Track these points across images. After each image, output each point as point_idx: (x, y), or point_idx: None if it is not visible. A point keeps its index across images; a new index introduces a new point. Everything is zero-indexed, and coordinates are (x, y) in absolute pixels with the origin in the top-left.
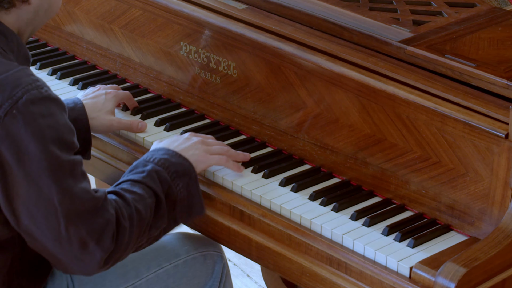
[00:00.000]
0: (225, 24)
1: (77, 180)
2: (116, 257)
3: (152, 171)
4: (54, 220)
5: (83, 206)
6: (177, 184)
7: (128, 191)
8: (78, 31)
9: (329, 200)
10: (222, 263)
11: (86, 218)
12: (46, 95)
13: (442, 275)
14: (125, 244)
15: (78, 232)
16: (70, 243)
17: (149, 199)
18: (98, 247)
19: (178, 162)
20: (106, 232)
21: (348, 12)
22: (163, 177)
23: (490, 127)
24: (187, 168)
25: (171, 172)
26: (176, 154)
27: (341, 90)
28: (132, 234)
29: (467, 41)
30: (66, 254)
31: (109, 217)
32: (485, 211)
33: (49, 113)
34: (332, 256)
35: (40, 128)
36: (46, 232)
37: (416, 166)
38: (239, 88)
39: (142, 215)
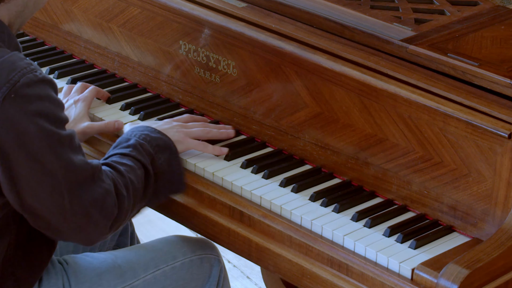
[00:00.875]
0: (225, 23)
1: (76, 152)
2: (117, 224)
3: (137, 144)
4: (58, 195)
5: (82, 176)
6: (159, 157)
7: (119, 163)
8: (75, 30)
9: (330, 200)
10: (219, 266)
11: (87, 189)
12: (41, 78)
13: (445, 276)
14: (126, 211)
15: (81, 203)
16: (74, 215)
17: (138, 170)
18: (101, 216)
19: (158, 137)
20: (108, 200)
21: (349, 11)
22: (147, 150)
23: (493, 127)
24: (167, 143)
25: (153, 145)
26: (155, 130)
27: (342, 89)
28: (130, 202)
29: (469, 40)
30: (69, 226)
31: (107, 187)
32: (488, 212)
33: (45, 94)
34: (333, 258)
35: (37, 109)
36: (50, 208)
37: (418, 166)
38: (239, 87)
39: (135, 185)
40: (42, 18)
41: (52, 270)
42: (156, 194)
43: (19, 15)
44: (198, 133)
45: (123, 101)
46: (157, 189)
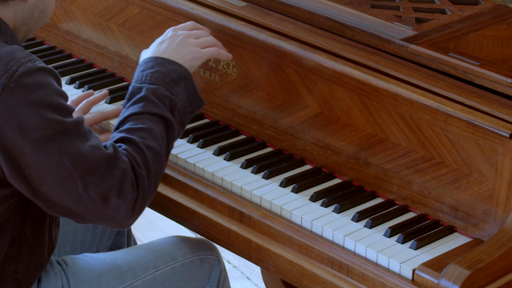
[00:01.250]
0: (225, 22)
1: (84, 139)
2: (140, 203)
3: (149, 94)
4: (71, 182)
5: (96, 164)
6: (177, 92)
7: (134, 130)
8: (75, 29)
9: (331, 201)
10: (219, 267)
11: (102, 174)
12: (41, 66)
13: (446, 277)
14: (147, 189)
15: (97, 189)
16: (92, 201)
17: (157, 128)
18: (120, 200)
19: (170, 69)
20: (125, 183)
21: (349, 10)
22: (162, 95)
23: (494, 127)
24: (180, 72)
25: (167, 83)
26: (166, 61)
27: (342, 89)
28: (151, 177)
29: (471, 39)
30: (91, 212)
31: (124, 166)
32: (489, 212)
33: (46, 82)
34: (334, 258)
35: (38, 97)
36: (65, 195)
37: (419, 166)
38: (239, 87)
39: (156, 149)
40: None
41: (51, 270)
42: (181, 123)
43: (25, 22)
44: (207, 42)
45: (122, 101)
46: (181, 118)
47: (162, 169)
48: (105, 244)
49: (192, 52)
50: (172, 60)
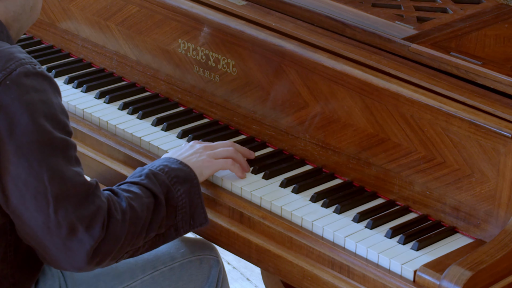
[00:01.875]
0: (225, 21)
1: (69, 163)
2: (105, 249)
3: (150, 173)
4: (43, 200)
5: (74, 189)
6: (178, 189)
7: (124, 190)
8: (73, 28)
9: (331, 201)
10: (218, 267)
11: (77, 202)
12: (40, 71)
13: (447, 278)
14: (116, 236)
15: (67, 215)
16: (59, 227)
17: (146, 199)
18: (87, 234)
19: (178, 168)
20: (97, 219)
21: (350, 9)
22: (161, 180)
23: (496, 127)
24: (188, 174)
25: (170, 176)
26: (177, 161)
27: (343, 88)
28: (125, 229)
29: (472, 39)
30: (54, 241)
31: (100, 204)
32: (491, 213)
33: (42, 88)
34: (334, 259)
35: (33, 100)
36: (34, 214)
37: (421, 166)
38: (239, 86)
39: (138, 213)
40: (39, 16)
41: (49, 272)
42: (176, 228)
43: (16, 18)
44: (223, 153)
45: (121, 101)
46: (177, 223)
47: (135, 235)
48: None
49: (204, 161)
50: (183, 162)
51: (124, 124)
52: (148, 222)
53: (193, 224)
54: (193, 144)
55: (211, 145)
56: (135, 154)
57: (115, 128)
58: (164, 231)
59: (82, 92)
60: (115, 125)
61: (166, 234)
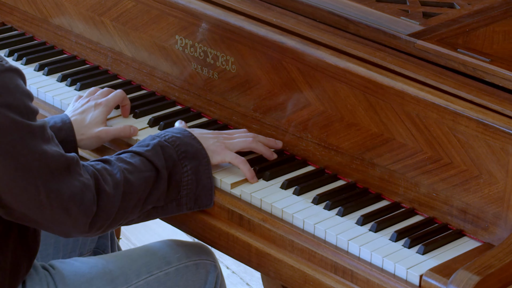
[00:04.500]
0: (223, 17)
1: (48, 143)
2: (99, 223)
3: (157, 145)
4: (34, 189)
5: (58, 167)
6: (184, 165)
7: (123, 161)
8: (66, 24)
9: (334, 203)
10: (216, 272)
11: (64, 181)
12: (8, 67)
13: (454, 283)
14: (109, 210)
15: (59, 197)
16: (52, 209)
17: (146, 172)
18: (80, 211)
19: (190, 143)
20: (85, 195)
21: (354, 4)
22: (168, 154)
23: (505, 126)
24: (198, 152)
25: (180, 151)
26: (191, 135)
27: (346, 86)
28: (117, 202)
29: (480, 35)
30: (47, 219)
31: (85, 181)
32: (499, 216)
33: (13, 84)
34: (337, 264)
35: (6, 101)
36: (26, 203)
37: (427, 167)
38: (238, 84)
39: (134, 186)
40: (31, 11)
41: (36, 276)
42: (179, 204)
43: None
44: (240, 144)
45: None
46: (180, 199)
47: (129, 208)
48: (88, 247)
49: (216, 146)
50: (197, 138)
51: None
52: (145, 195)
53: (198, 203)
54: (215, 131)
55: (229, 135)
56: None
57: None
58: (163, 204)
59: (76, 90)
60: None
61: (166, 207)
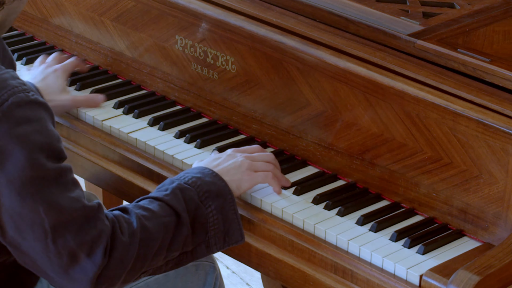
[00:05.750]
0: (223, 17)
1: (65, 189)
2: (111, 275)
3: (177, 188)
4: (41, 231)
5: (71, 216)
6: (208, 205)
7: (141, 207)
8: (66, 24)
9: (334, 203)
10: (214, 274)
11: (76, 229)
12: (34, 99)
13: (454, 283)
14: (122, 261)
15: (66, 243)
16: (59, 256)
17: (165, 218)
18: (89, 261)
19: (212, 181)
20: (98, 244)
21: (354, 4)
22: (189, 196)
23: (505, 126)
24: (222, 189)
25: (202, 191)
26: (212, 173)
27: (346, 86)
28: (133, 252)
29: (480, 35)
30: (55, 270)
31: (102, 227)
32: (499, 216)
33: (36, 118)
34: (337, 264)
35: (26, 133)
36: (33, 244)
37: (427, 167)
38: (238, 84)
39: (152, 234)
40: (31, 11)
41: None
42: (208, 245)
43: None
44: (263, 167)
45: (116, 99)
46: (209, 240)
47: (149, 256)
48: None
49: (243, 174)
50: (219, 175)
51: (119, 124)
52: (167, 242)
53: (228, 241)
54: (232, 153)
55: (251, 156)
56: (130, 154)
57: (110, 128)
58: (191, 249)
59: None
60: (110, 125)
61: (196, 251)
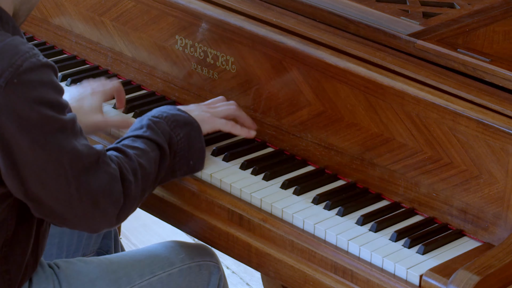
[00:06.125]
0: (223, 17)
1: (79, 137)
2: (125, 213)
3: (151, 123)
4: (64, 181)
5: (88, 161)
6: (177, 133)
7: (130, 146)
8: (66, 24)
9: (334, 203)
10: (218, 274)
11: (93, 175)
12: (44, 62)
13: (454, 283)
14: (134, 198)
15: (89, 190)
16: (82, 202)
17: (152, 153)
18: (109, 204)
19: (177, 113)
20: (114, 187)
21: (354, 4)
22: (162, 128)
23: (505, 126)
24: (188, 119)
25: (170, 121)
26: (175, 108)
27: (346, 86)
28: (138, 188)
29: (480, 35)
30: (75, 214)
31: (112, 171)
32: (499, 215)
33: (47, 79)
34: (337, 264)
35: (40, 95)
36: (56, 195)
37: (427, 167)
38: (238, 84)
39: (147, 169)
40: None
41: (42, 274)
42: (173, 170)
43: (24, 1)
44: (225, 111)
45: None
46: (174, 165)
47: (147, 189)
48: (92, 248)
49: (205, 117)
50: (182, 109)
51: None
52: (155, 175)
53: (189, 167)
54: (195, 104)
55: (212, 105)
56: None
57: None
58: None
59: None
60: None
61: (164, 177)
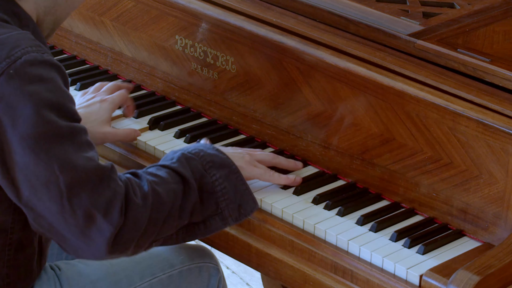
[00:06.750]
0: (223, 17)
1: (79, 149)
2: (127, 236)
3: (182, 157)
4: (56, 190)
5: (86, 176)
6: (213, 174)
7: (150, 173)
8: (66, 24)
9: (334, 203)
10: (218, 276)
11: (91, 188)
12: (47, 59)
13: (454, 283)
14: (137, 222)
15: (81, 203)
16: (74, 216)
17: (174, 184)
18: (105, 221)
19: (214, 154)
20: (114, 204)
21: (354, 4)
22: (193, 164)
23: (505, 126)
24: (225, 160)
25: (205, 161)
26: (214, 148)
27: (346, 86)
28: (146, 215)
29: (480, 35)
30: (72, 230)
31: (116, 188)
32: (499, 215)
33: (49, 77)
34: (337, 264)
35: (37, 91)
36: (48, 204)
37: (427, 167)
38: (238, 84)
39: (162, 198)
40: None
41: (44, 275)
42: (222, 217)
43: (48, 11)
44: (264, 157)
45: None
46: (222, 211)
47: (161, 221)
48: None
49: (242, 162)
50: (221, 150)
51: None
52: (177, 208)
53: (243, 212)
54: (234, 148)
55: (252, 152)
56: (130, 154)
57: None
58: (203, 220)
59: (76, 90)
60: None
61: (210, 223)
